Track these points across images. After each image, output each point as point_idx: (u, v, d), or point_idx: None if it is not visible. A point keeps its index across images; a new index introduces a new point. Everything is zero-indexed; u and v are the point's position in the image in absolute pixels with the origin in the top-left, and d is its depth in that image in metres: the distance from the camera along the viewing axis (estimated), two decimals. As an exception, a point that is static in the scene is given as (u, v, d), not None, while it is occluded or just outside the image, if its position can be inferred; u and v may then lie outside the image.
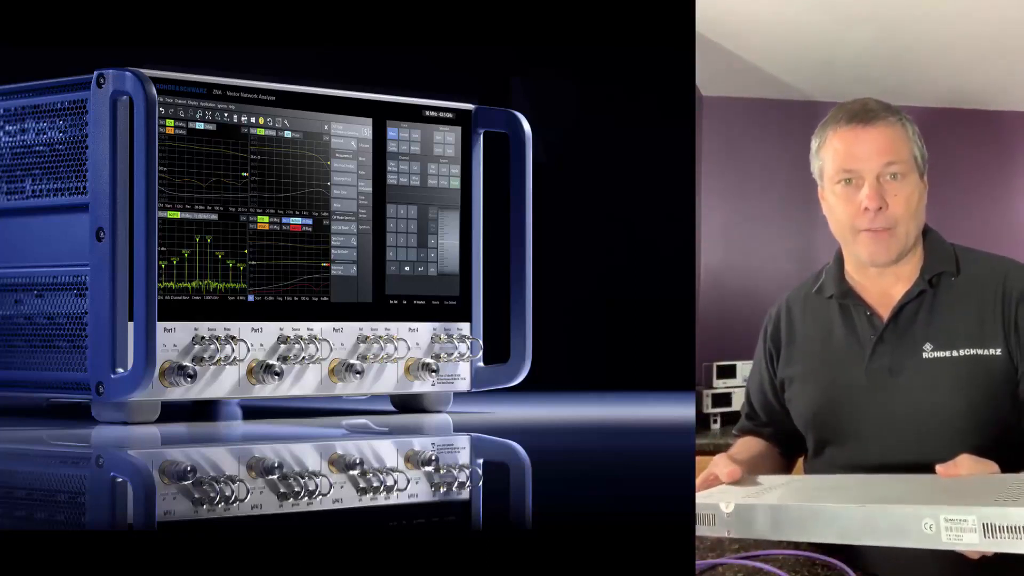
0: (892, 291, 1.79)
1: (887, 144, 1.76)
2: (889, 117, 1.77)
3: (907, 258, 1.78)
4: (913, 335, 1.75)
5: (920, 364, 1.73)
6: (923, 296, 1.76)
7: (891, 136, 1.76)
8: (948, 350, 1.73)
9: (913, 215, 1.76)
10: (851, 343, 1.80)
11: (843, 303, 1.81)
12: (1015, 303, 1.72)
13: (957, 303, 1.75)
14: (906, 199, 1.75)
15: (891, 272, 1.79)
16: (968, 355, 1.71)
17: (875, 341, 1.77)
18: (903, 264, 1.78)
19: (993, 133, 4.56)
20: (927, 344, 1.74)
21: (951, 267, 1.77)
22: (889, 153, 1.75)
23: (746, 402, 1.97)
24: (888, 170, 1.75)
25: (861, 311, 1.80)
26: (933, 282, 1.77)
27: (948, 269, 1.77)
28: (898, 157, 1.76)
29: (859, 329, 1.79)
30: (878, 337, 1.77)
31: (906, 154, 1.77)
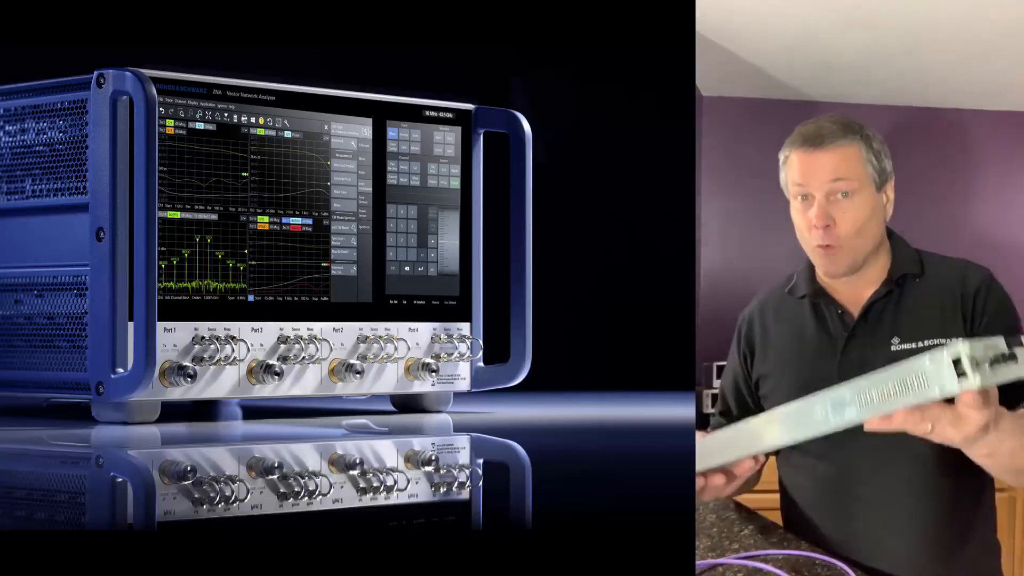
0: (861, 292, 1.92)
1: (837, 165, 1.87)
2: (841, 140, 1.88)
3: (870, 264, 1.91)
4: (882, 330, 1.88)
5: (889, 356, 1.84)
6: (890, 295, 1.89)
7: (842, 157, 1.87)
8: (914, 342, 1.85)
9: (861, 232, 1.88)
10: (823, 339, 1.92)
11: (815, 302, 1.94)
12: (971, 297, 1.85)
13: (922, 300, 1.88)
14: (854, 216, 1.87)
15: (856, 277, 1.91)
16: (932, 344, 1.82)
17: (847, 337, 1.89)
18: (867, 269, 1.91)
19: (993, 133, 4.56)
20: (895, 338, 1.86)
21: (916, 269, 1.90)
22: (838, 173, 1.87)
23: (720, 401, 2.09)
24: (837, 187, 1.87)
25: (833, 310, 1.92)
26: (899, 282, 1.90)
27: (913, 271, 1.90)
28: (848, 175, 1.87)
29: (831, 326, 1.92)
30: (849, 333, 1.89)
31: (857, 173, 1.88)
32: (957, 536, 1.89)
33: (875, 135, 1.92)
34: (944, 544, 1.88)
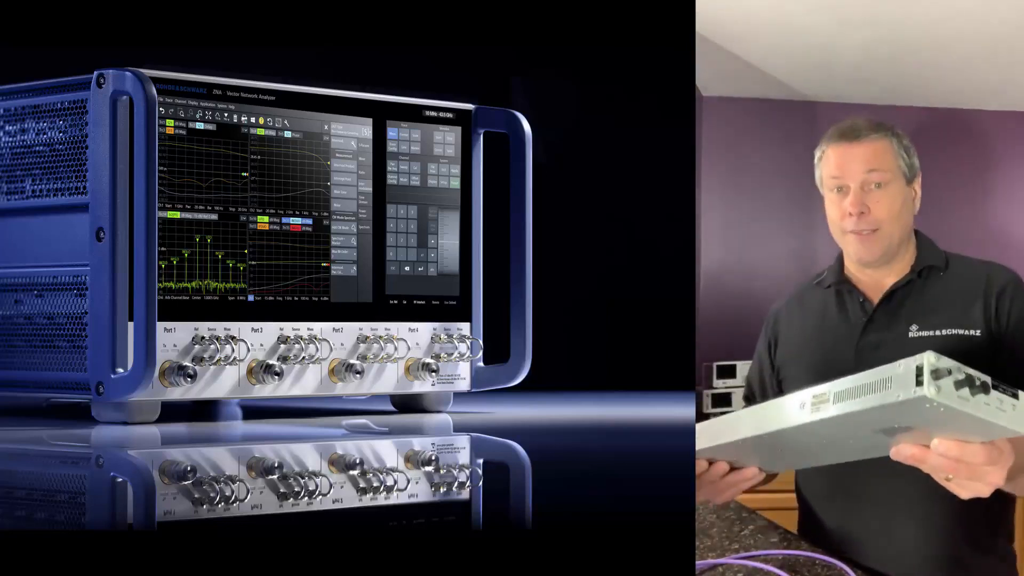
0: (884, 281, 1.96)
1: (871, 157, 1.95)
2: (874, 134, 1.97)
3: (898, 256, 1.96)
4: (900, 317, 1.91)
5: (905, 342, 1.88)
6: (912, 284, 1.94)
7: (876, 150, 1.96)
8: (932, 330, 1.88)
9: (896, 218, 1.94)
10: (843, 324, 1.96)
11: (839, 289, 1.99)
12: (996, 296, 1.88)
13: (943, 292, 1.92)
14: (888, 205, 1.94)
15: (885, 268, 1.96)
16: (950, 334, 1.86)
17: (866, 322, 1.93)
18: (895, 262, 1.96)
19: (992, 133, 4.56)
20: (913, 325, 1.89)
21: (940, 263, 1.95)
22: (872, 164, 1.95)
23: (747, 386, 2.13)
24: (871, 179, 1.94)
25: (855, 297, 1.97)
26: (923, 274, 1.94)
27: (938, 264, 1.95)
28: (881, 167, 1.95)
29: (851, 313, 1.96)
30: (868, 318, 1.93)
31: (890, 165, 1.95)
32: (973, 545, 1.89)
33: (904, 135, 1.99)
34: (959, 551, 1.88)
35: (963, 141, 4.53)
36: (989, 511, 1.90)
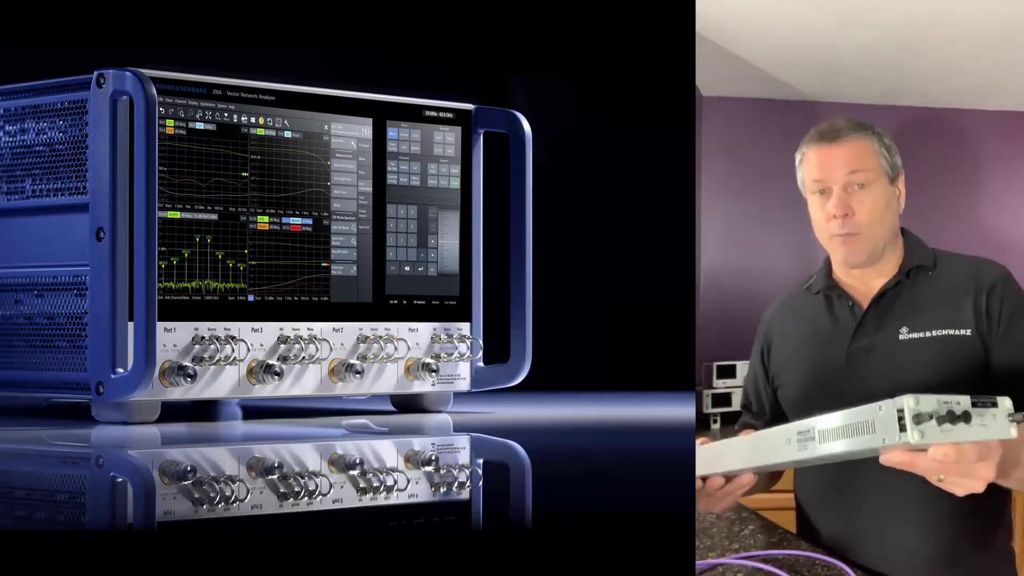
0: (873, 284, 1.95)
1: (852, 158, 1.93)
2: (854, 134, 1.94)
3: (885, 257, 1.94)
4: (891, 320, 1.91)
5: (896, 345, 1.87)
6: (901, 285, 1.92)
7: (857, 150, 1.93)
8: (922, 331, 1.87)
9: (880, 218, 1.93)
10: (834, 329, 1.95)
11: (828, 295, 1.98)
12: (986, 292, 1.87)
13: (932, 292, 1.91)
14: (872, 205, 1.92)
15: (872, 269, 1.95)
16: (941, 335, 1.85)
17: (856, 325, 1.92)
18: (882, 263, 1.94)
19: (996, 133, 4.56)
20: (903, 328, 1.89)
21: (928, 262, 1.94)
22: (854, 165, 1.92)
23: (743, 395, 2.13)
24: (853, 179, 1.92)
25: (844, 302, 1.96)
26: (911, 274, 1.93)
27: (926, 264, 1.93)
28: (863, 167, 1.92)
29: (841, 317, 1.95)
30: (858, 322, 1.92)
31: (872, 165, 1.93)
32: (971, 542, 1.89)
33: (884, 133, 1.97)
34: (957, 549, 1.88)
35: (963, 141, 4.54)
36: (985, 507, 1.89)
